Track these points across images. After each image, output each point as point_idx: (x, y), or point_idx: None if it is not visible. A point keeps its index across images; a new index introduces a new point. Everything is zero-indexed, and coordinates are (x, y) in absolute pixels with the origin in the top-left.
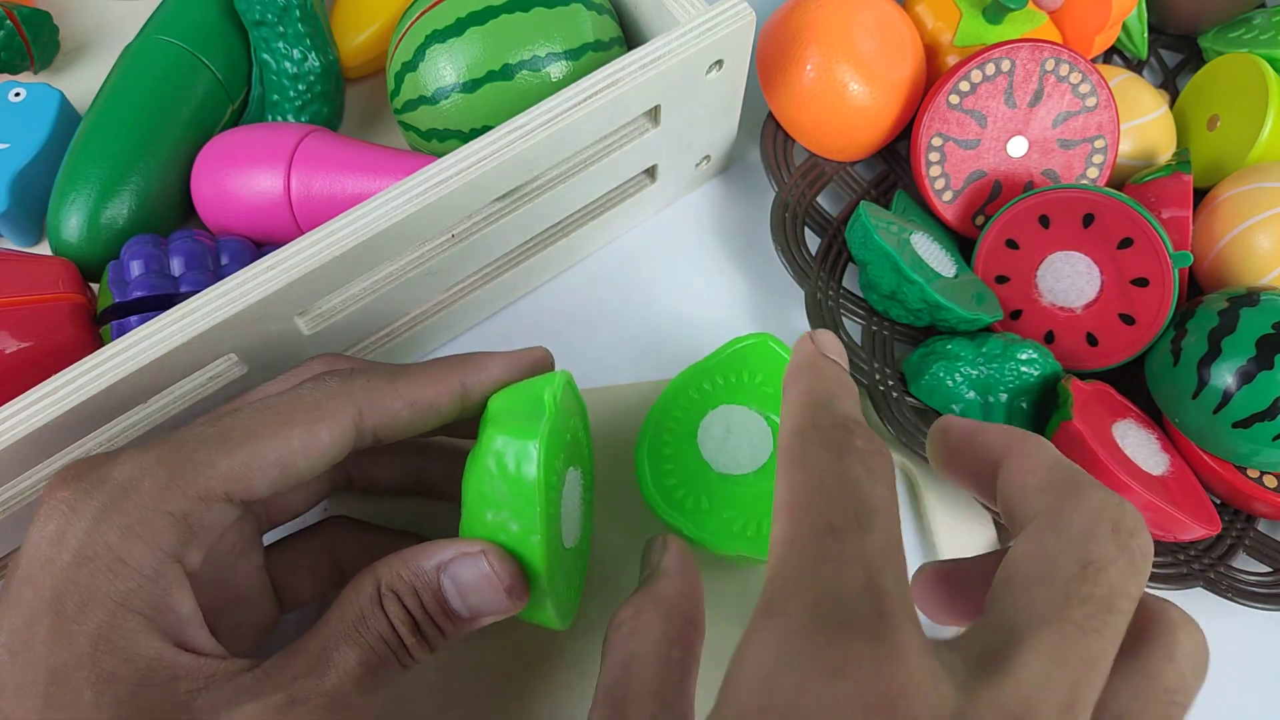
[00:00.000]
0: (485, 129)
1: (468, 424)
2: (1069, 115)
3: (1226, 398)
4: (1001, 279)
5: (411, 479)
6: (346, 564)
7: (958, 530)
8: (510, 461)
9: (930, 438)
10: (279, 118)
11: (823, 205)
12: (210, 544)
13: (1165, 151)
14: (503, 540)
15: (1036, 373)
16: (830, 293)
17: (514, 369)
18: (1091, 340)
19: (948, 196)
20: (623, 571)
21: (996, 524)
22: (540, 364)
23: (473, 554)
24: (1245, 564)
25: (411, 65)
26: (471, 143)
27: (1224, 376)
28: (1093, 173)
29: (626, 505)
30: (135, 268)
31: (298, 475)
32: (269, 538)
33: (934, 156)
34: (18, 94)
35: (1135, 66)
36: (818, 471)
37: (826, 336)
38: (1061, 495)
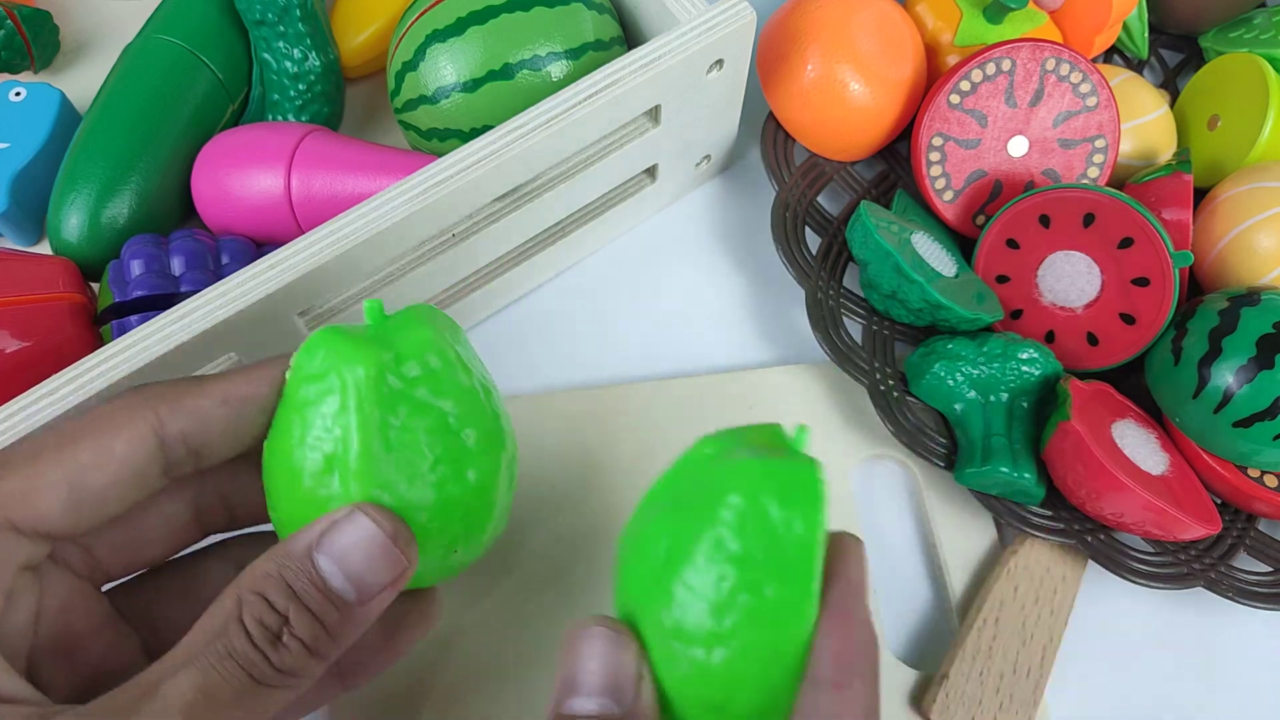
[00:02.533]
0: (485, 128)
1: None
2: (1069, 115)
3: (1227, 397)
4: (1002, 278)
5: None
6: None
7: (959, 530)
8: (321, 401)
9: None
10: (279, 117)
11: (823, 205)
12: (6, 583)
13: (1166, 151)
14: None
15: (1037, 372)
16: (831, 292)
17: None
18: (1092, 340)
19: (948, 196)
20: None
21: (997, 524)
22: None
23: (343, 517)
24: (1246, 564)
25: (412, 65)
26: (472, 142)
27: (1224, 376)
28: (1093, 172)
29: (609, 514)
30: (135, 267)
31: (97, 496)
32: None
33: (934, 156)
34: (18, 94)
35: (1135, 66)
36: None
37: (858, 566)
38: None
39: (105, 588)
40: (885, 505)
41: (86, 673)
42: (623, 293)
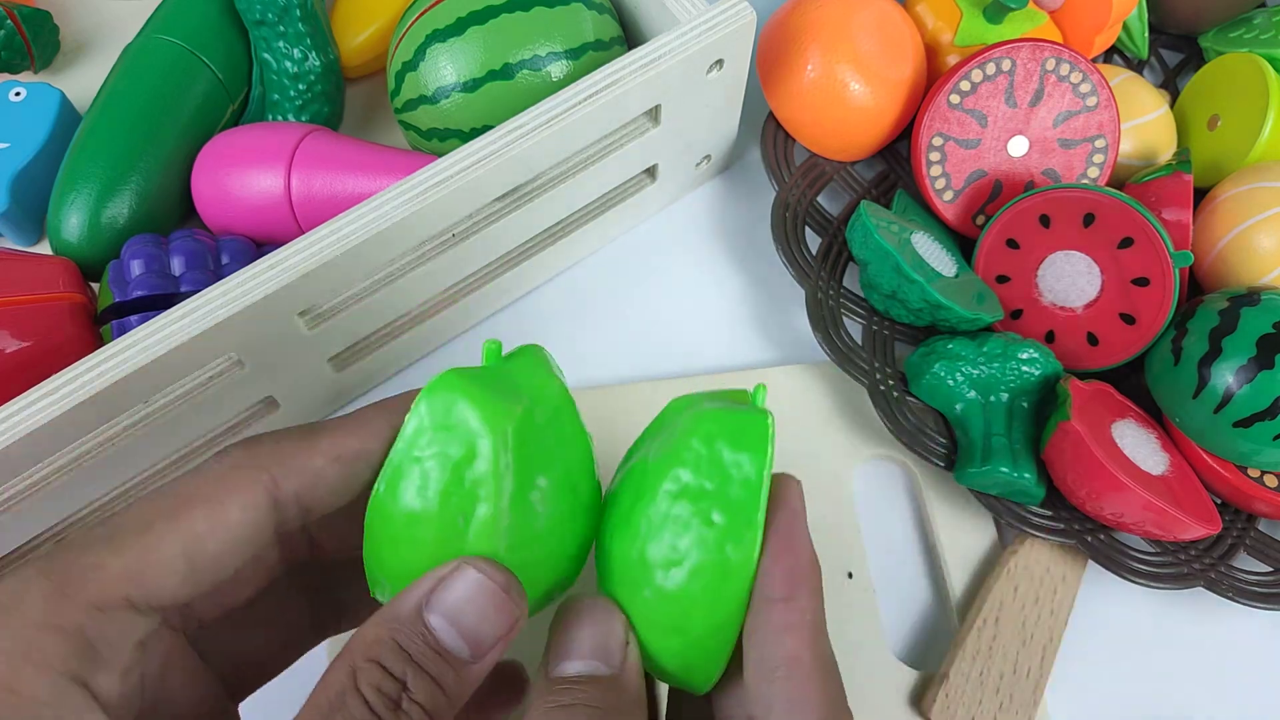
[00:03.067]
0: (486, 128)
1: None
2: (1069, 115)
3: (1227, 397)
4: (1002, 278)
5: None
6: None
7: (959, 530)
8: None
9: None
10: (279, 117)
11: (823, 205)
12: (125, 661)
13: (1165, 151)
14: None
15: (1037, 372)
16: (831, 292)
17: None
18: (1092, 340)
19: (948, 196)
20: None
21: (997, 524)
22: None
23: (453, 569)
24: (1246, 564)
25: (412, 64)
26: (472, 142)
27: (1224, 376)
28: (1093, 172)
29: None
30: (135, 267)
31: (213, 566)
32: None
33: (934, 156)
34: (18, 94)
35: (1136, 66)
36: None
37: (799, 498)
38: None
39: None
40: (885, 505)
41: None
42: (623, 293)
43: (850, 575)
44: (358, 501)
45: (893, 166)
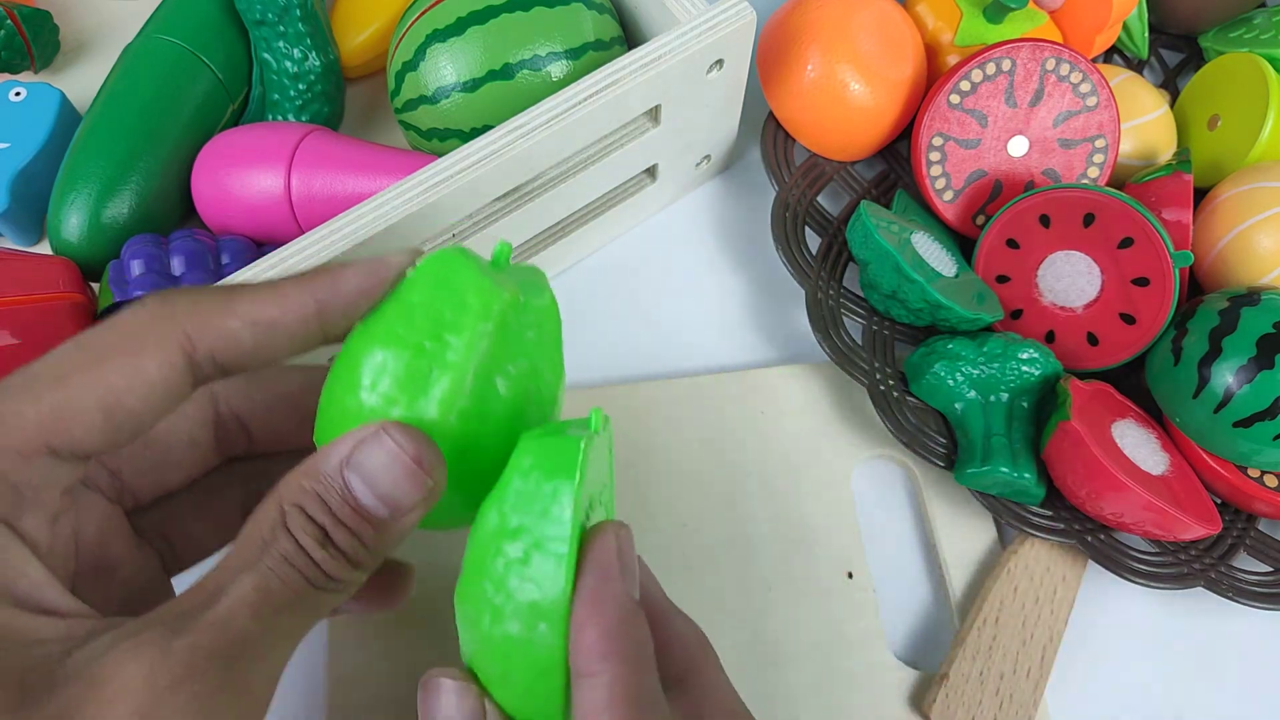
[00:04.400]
0: (486, 128)
1: None
2: (1069, 115)
3: (1227, 397)
4: (1002, 278)
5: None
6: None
7: (959, 530)
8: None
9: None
10: (279, 117)
11: (823, 205)
12: (52, 506)
13: (1166, 151)
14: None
15: (1037, 372)
16: (831, 292)
17: (372, 278)
18: (1092, 340)
19: (948, 196)
20: None
21: (997, 524)
22: (401, 269)
23: (370, 435)
24: (1246, 563)
25: (412, 64)
26: (472, 142)
27: (1225, 376)
28: (1093, 172)
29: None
30: (136, 267)
31: (132, 418)
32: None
33: (934, 156)
34: (18, 93)
35: (1136, 66)
36: None
37: (628, 546)
38: None
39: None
40: (885, 505)
41: (119, 593)
42: (623, 292)
43: (850, 575)
44: (289, 400)
45: (893, 166)
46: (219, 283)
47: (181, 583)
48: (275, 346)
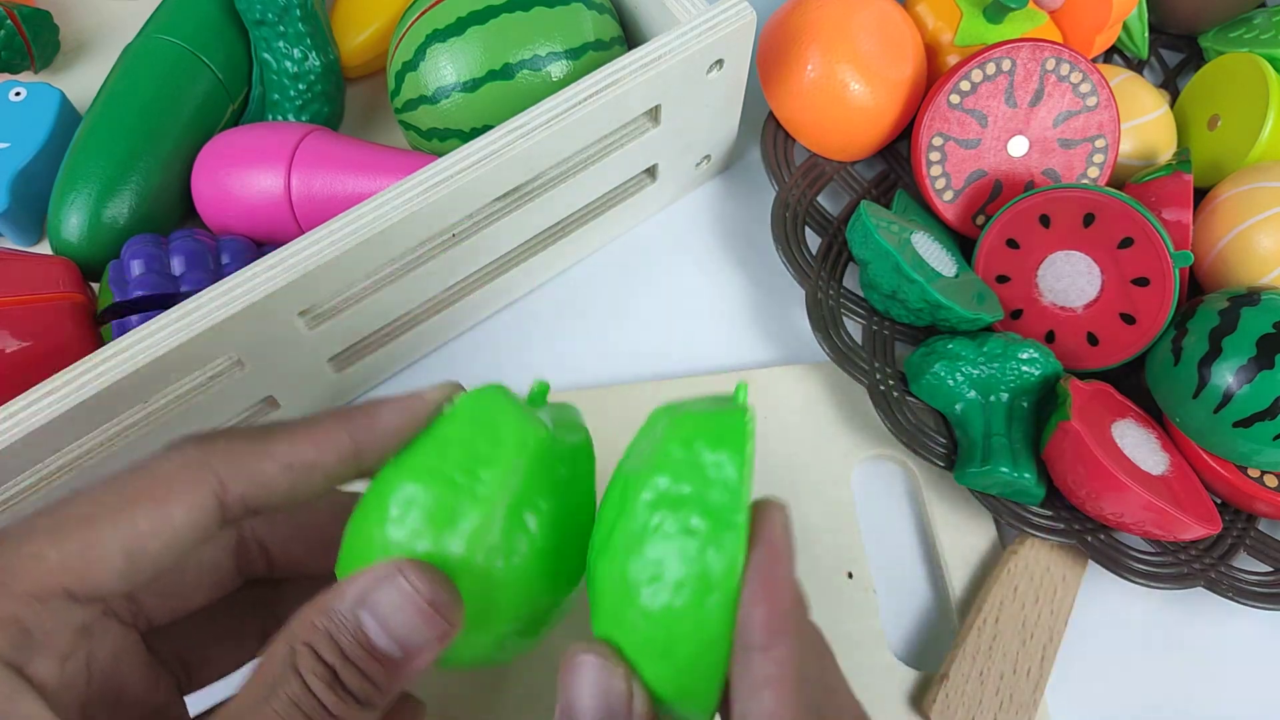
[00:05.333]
0: (486, 128)
1: None
2: (1069, 115)
3: (1227, 397)
4: (1002, 278)
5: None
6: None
7: (959, 530)
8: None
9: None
10: (279, 117)
11: (823, 205)
12: (64, 646)
13: (1166, 151)
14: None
15: (1037, 372)
16: (831, 292)
17: (409, 415)
18: (1092, 340)
19: (948, 196)
20: None
21: (997, 524)
22: (438, 405)
23: (386, 575)
24: (1246, 564)
25: (412, 64)
26: (472, 142)
27: (1225, 376)
28: (1093, 172)
29: None
30: (136, 267)
31: (153, 562)
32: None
33: (934, 156)
34: (18, 93)
35: (1136, 66)
36: None
37: (788, 529)
38: None
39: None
40: (885, 505)
41: (132, 716)
42: (623, 293)
43: (850, 575)
44: (313, 527)
45: (893, 166)
46: (258, 426)
47: (195, 701)
48: (309, 488)
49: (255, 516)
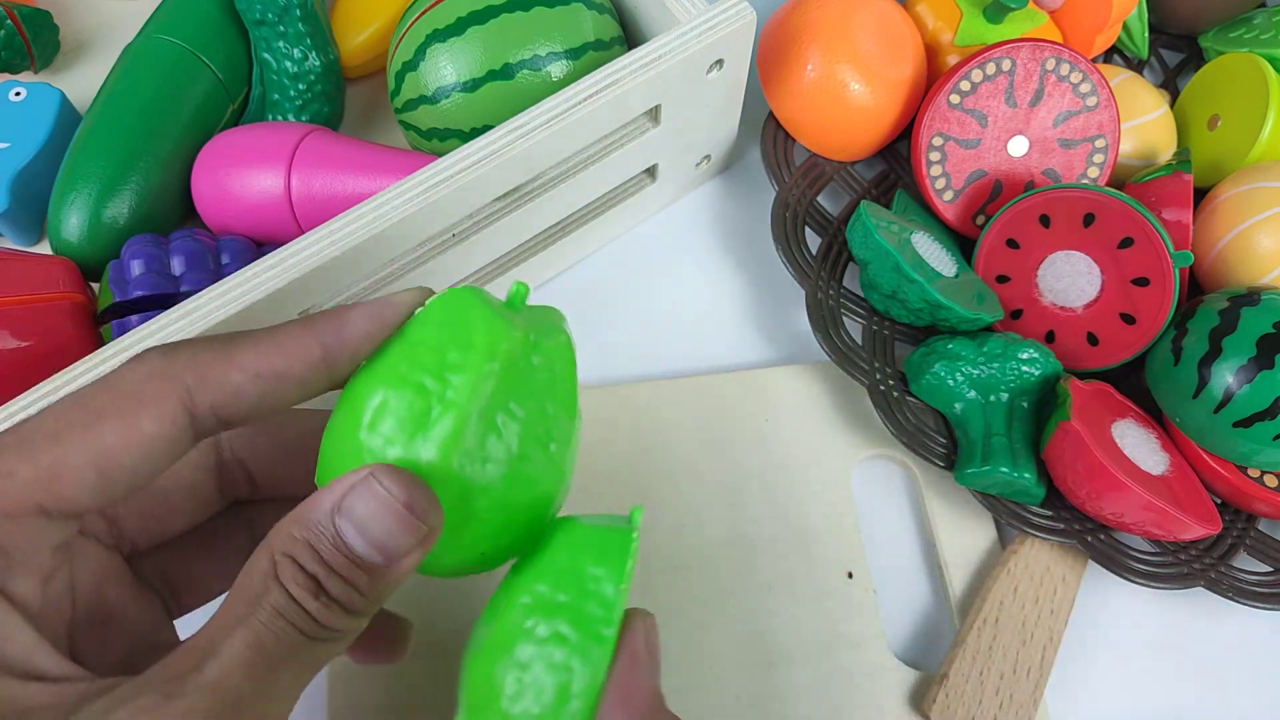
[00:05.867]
0: (486, 128)
1: None
2: (1069, 115)
3: (1227, 397)
4: (1002, 278)
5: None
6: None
7: (958, 530)
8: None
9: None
10: (279, 117)
11: (823, 205)
12: (44, 566)
13: (1166, 151)
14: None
15: (1037, 372)
16: (831, 292)
17: (379, 320)
18: (1092, 340)
19: (948, 196)
20: None
21: (997, 524)
22: (410, 308)
23: (360, 481)
24: (1246, 563)
25: (412, 64)
26: (472, 142)
27: (1225, 376)
28: (1093, 172)
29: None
30: (136, 267)
31: (126, 476)
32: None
33: (934, 156)
34: (18, 93)
35: (1136, 66)
36: None
37: (653, 640)
38: None
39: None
40: (885, 505)
41: (121, 640)
42: (623, 293)
43: (850, 575)
44: (294, 446)
45: (893, 166)
46: (224, 335)
47: (185, 625)
48: (280, 396)
49: (228, 429)
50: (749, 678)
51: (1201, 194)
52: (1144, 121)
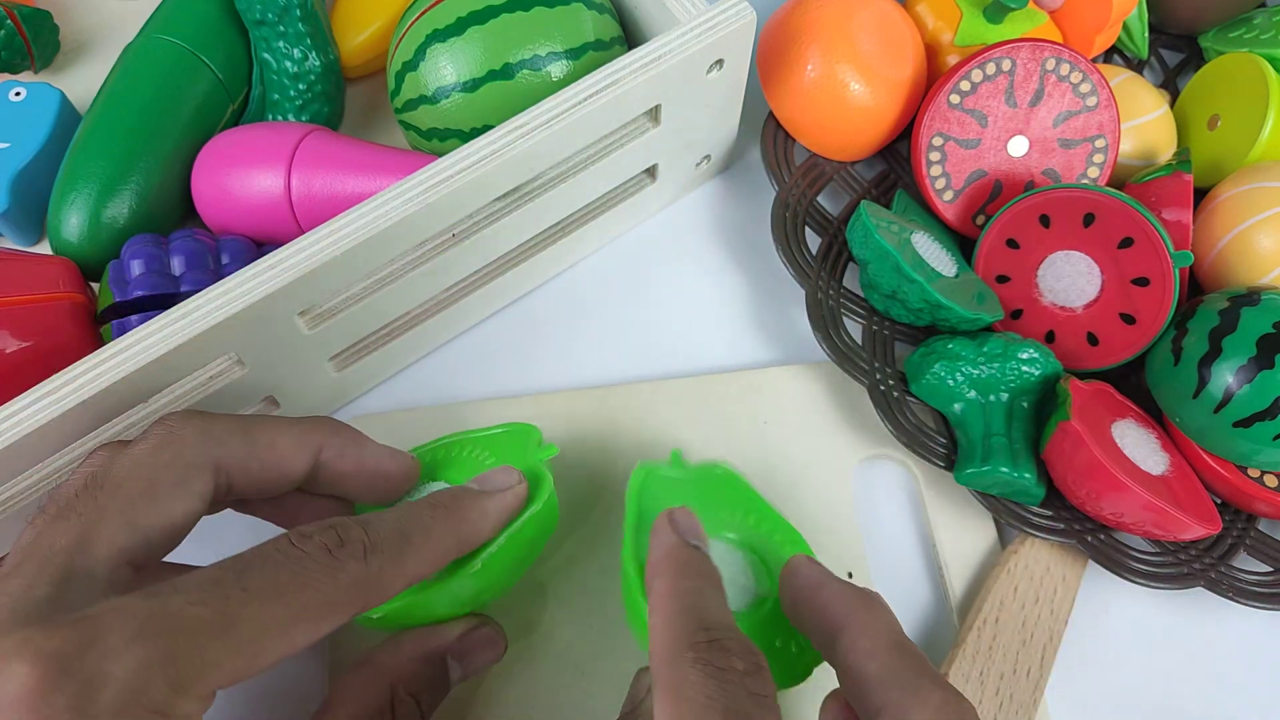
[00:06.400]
0: (486, 128)
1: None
2: (1069, 115)
3: (1227, 397)
4: (1002, 278)
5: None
6: None
7: (958, 530)
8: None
9: (780, 578)
10: (279, 117)
11: (823, 205)
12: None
13: (1166, 151)
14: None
15: (1037, 372)
16: (831, 292)
17: (504, 517)
18: (1092, 340)
19: (948, 196)
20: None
21: (997, 524)
22: (522, 497)
23: (474, 625)
24: (1246, 564)
25: (412, 64)
26: (472, 142)
27: (1225, 376)
28: (1093, 172)
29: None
30: (136, 267)
31: (147, 552)
32: None
33: (935, 156)
34: (18, 93)
35: (1136, 66)
36: (702, 707)
37: (684, 516)
38: (905, 693)
39: None
40: (885, 505)
41: None
42: (623, 292)
43: (850, 575)
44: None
45: (893, 166)
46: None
47: None
48: (286, 485)
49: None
50: None
51: (1201, 194)
52: (1144, 121)
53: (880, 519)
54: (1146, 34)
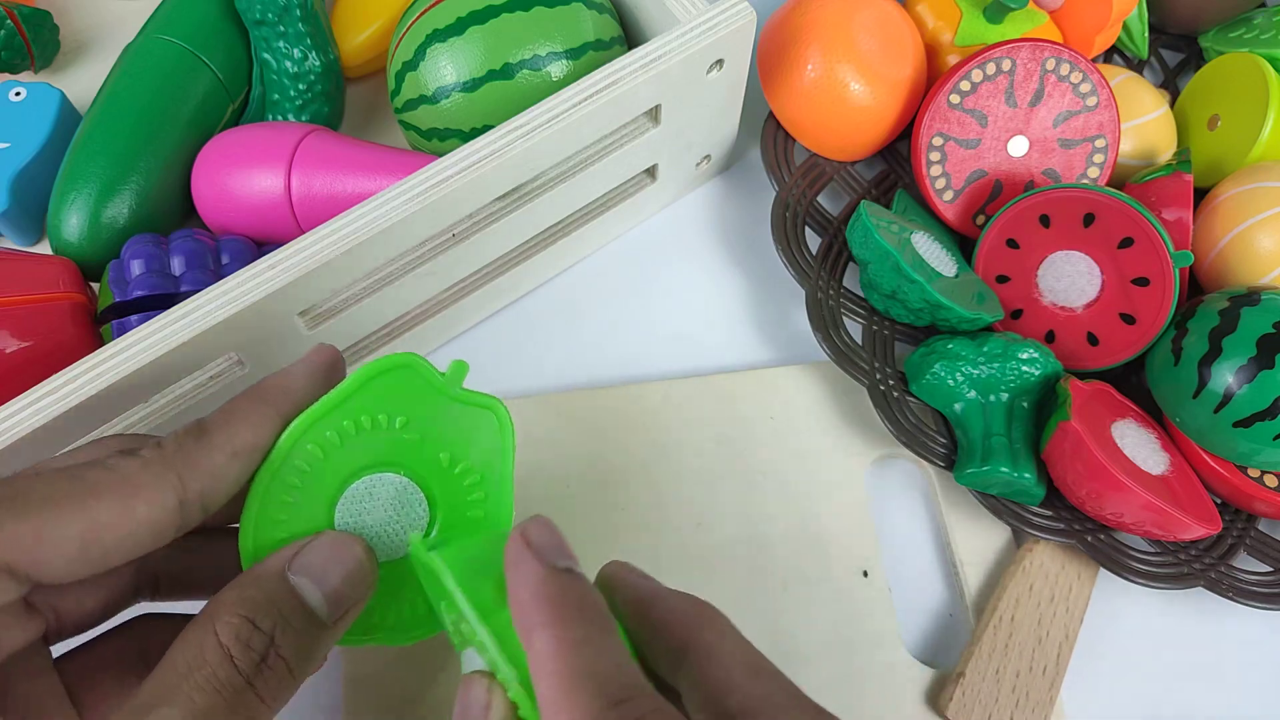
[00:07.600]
0: (486, 128)
1: None
2: (1070, 115)
3: (1227, 397)
4: (1002, 278)
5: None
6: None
7: (973, 528)
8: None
9: (600, 583)
10: (279, 117)
11: (823, 205)
12: None
13: (1166, 151)
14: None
15: (1037, 372)
16: (831, 292)
17: (313, 378)
18: (1092, 340)
19: (948, 196)
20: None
21: (1010, 525)
22: (334, 361)
23: (316, 540)
24: (1246, 563)
25: (412, 64)
26: (472, 142)
27: (1225, 376)
28: (1093, 172)
29: (609, 513)
30: (136, 267)
31: (102, 556)
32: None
33: (935, 156)
34: (18, 93)
35: (1136, 66)
36: None
37: (540, 531)
38: None
39: None
40: (899, 504)
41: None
42: (623, 293)
43: (865, 573)
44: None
45: (893, 166)
46: (185, 427)
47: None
48: (252, 468)
49: (208, 514)
50: None
51: (1201, 194)
52: (1144, 121)
53: (895, 517)
54: (1146, 34)
